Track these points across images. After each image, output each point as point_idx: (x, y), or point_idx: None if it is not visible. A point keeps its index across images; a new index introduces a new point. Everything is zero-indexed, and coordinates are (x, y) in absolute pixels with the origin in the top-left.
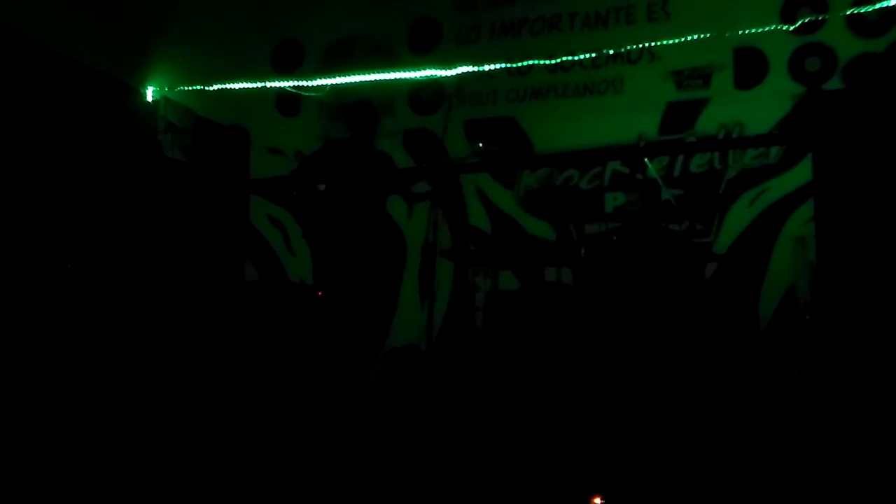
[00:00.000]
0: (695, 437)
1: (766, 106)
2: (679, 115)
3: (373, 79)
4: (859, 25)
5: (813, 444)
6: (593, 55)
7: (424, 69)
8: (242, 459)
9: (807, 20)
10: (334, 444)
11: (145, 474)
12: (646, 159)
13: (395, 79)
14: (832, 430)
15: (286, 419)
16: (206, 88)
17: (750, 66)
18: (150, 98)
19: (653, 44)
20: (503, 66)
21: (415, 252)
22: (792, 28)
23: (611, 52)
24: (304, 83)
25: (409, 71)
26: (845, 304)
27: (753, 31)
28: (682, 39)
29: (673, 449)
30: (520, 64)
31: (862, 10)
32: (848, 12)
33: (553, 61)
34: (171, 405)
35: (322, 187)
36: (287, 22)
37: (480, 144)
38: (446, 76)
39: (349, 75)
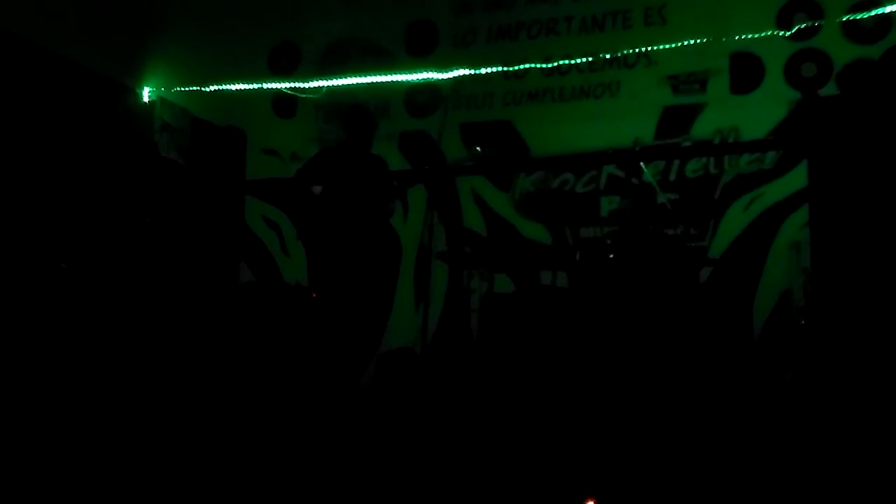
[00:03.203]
0: (688, 442)
1: (762, 111)
2: (675, 120)
3: (369, 81)
4: (855, 32)
5: (807, 450)
6: (590, 59)
7: (421, 72)
8: (237, 460)
9: (803, 26)
10: (328, 446)
11: (140, 475)
12: (641, 163)
13: (392, 81)
14: (826, 435)
15: (280, 421)
16: (203, 89)
17: (746, 71)
18: (146, 98)
19: (649, 48)
20: (500, 69)
21: (410, 254)
22: (788, 34)
23: (607, 56)
24: (301, 85)
25: (406, 73)
26: (840, 309)
27: (750, 36)
28: (679, 44)
29: (667, 453)
30: (516, 67)
31: (857, 17)
32: (843, 19)
33: (550, 65)
34: (165, 406)
35: (318, 189)
36: (284, 24)
37: (478, 148)
38: (443, 79)
39: (346, 77)
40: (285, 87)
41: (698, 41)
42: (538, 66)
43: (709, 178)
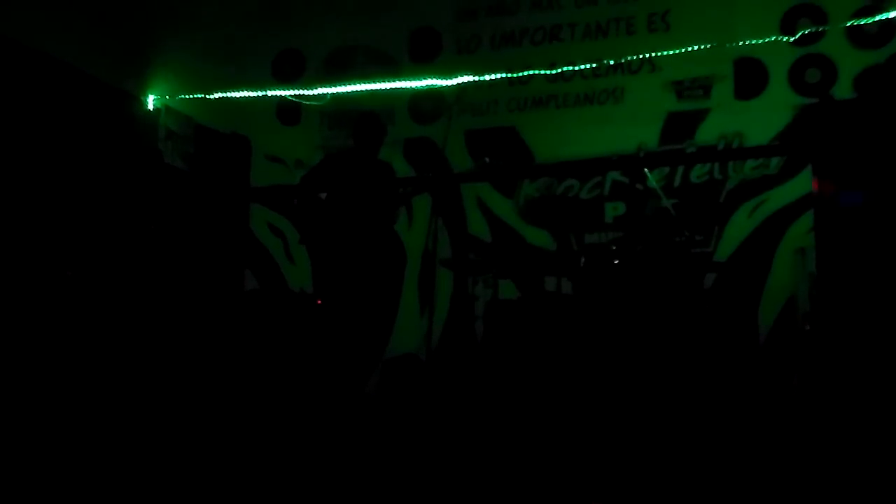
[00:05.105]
0: (694, 447)
1: (767, 117)
2: (679, 126)
3: (373, 88)
4: (859, 37)
5: (813, 454)
6: (594, 65)
7: (425, 78)
8: (243, 466)
9: (807, 32)
10: (333, 453)
11: (144, 482)
12: (646, 169)
13: (396, 88)
14: (832, 439)
15: (285, 427)
16: (207, 97)
17: (750, 76)
18: (151, 106)
19: (653, 54)
20: (504, 75)
21: (415, 261)
22: (792, 39)
23: (611, 62)
24: (305, 92)
25: (410, 80)
26: (845, 314)
27: (754, 42)
28: (683, 50)
29: (673, 458)
30: (520, 74)
31: (862, 22)
32: (848, 24)
33: (553, 71)
34: (170, 413)
35: (323, 196)
36: (288, 31)
37: (487, 159)
38: (447, 86)
39: (350, 84)
40: (289, 95)
41: (702, 47)
42: (542, 72)
43: (713, 184)
